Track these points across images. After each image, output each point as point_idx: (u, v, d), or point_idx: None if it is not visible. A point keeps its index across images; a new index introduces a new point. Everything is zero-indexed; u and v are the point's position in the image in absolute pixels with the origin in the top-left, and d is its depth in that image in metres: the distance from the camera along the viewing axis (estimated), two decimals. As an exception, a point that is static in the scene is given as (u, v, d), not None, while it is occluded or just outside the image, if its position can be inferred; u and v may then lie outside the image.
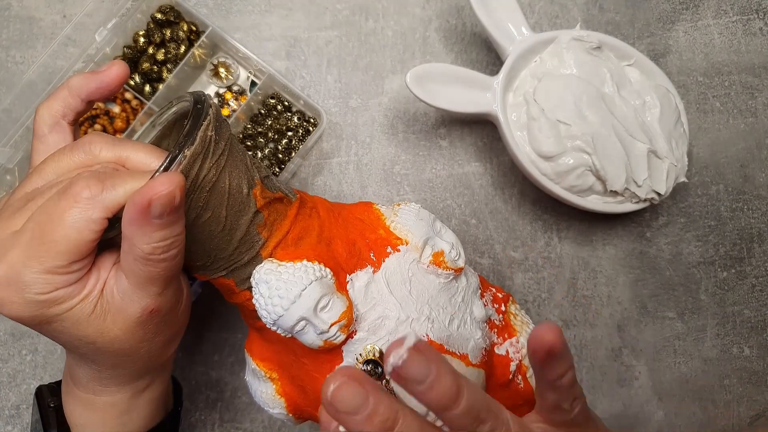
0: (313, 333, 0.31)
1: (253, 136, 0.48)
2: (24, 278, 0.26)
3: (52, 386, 0.36)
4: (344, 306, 0.32)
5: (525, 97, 0.44)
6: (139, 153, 0.30)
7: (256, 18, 0.50)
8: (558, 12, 0.51)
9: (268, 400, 0.36)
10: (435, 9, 0.51)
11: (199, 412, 0.47)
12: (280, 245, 0.32)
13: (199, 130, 0.28)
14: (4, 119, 0.45)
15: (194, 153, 0.28)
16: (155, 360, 0.34)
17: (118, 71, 0.33)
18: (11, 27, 0.50)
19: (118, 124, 0.47)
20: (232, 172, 0.30)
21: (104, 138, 0.30)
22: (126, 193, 0.27)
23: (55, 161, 0.29)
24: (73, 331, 0.28)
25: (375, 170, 0.49)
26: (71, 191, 0.26)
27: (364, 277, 0.34)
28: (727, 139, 0.51)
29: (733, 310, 0.49)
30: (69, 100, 0.32)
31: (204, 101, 0.30)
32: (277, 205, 0.33)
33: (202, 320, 0.47)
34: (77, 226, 0.26)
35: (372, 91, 0.50)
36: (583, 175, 0.43)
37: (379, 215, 0.36)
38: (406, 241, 0.35)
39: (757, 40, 0.51)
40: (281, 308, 0.31)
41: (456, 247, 0.36)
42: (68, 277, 0.27)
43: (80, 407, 0.34)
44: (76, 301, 0.28)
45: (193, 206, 0.29)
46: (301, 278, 0.31)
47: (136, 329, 0.30)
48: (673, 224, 0.50)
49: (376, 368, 0.33)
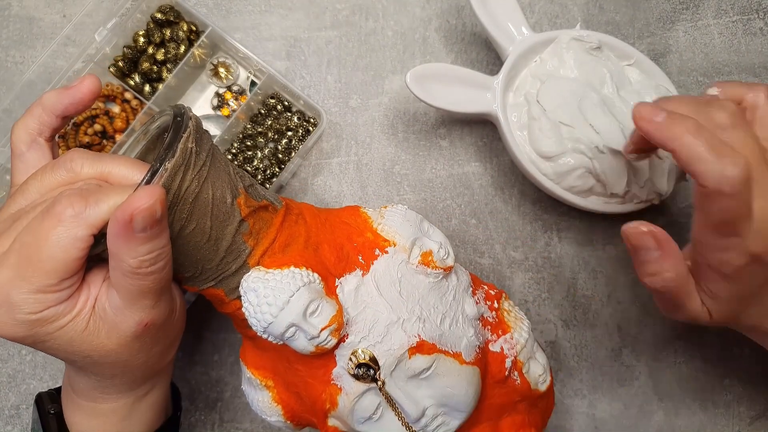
0: (303, 339, 0.31)
1: (253, 136, 0.48)
2: (14, 299, 0.26)
3: (52, 393, 0.37)
4: (334, 310, 0.31)
5: (525, 97, 0.44)
6: (120, 167, 0.30)
7: (256, 18, 0.50)
8: (558, 12, 0.51)
9: (265, 408, 0.36)
10: (435, 9, 0.51)
11: (199, 412, 0.47)
12: (266, 253, 0.32)
13: (179, 142, 0.28)
14: (4, 119, 0.45)
15: (175, 165, 0.28)
16: (154, 368, 0.34)
17: (90, 85, 0.33)
18: (11, 27, 0.50)
19: (117, 124, 0.47)
20: (215, 183, 0.30)
21: (85, 154, 0.29)
22: (110, 208, 0.27)
23: (37, 180, 0.29)
24: (67, 348, 0.29)
25: (375, 170, 0.49)
26: (55, 210, 0.26)
27: (354, 280, 0.34)
28: (727, 139, 0.51)
29: (733, 310, 0.49)
30: (44, 118, 0.32)
31: (184, 114, 0.30)
32: (262, 214, 0.33)
33: (201, 321, 0.47)
34: (63, 245, 0.26)
35: (372, 91, 0.50)
36: (584, 175, 0.43)
37: (365, 218, 0.36)
38: (393, 242, 0.35)
39: (758, 40, 0.51)
40: (270, 315, 0.30)
41: (444, 246, 0.36)
42: (58, 295, 0.27)
43: (81, 415, 0.34)
44: (68, 319, 0.28)
45: (177, 218, 0.29)
46: (288, 284, 0.31)
47: (132, 342, 0.30)
48: (674, 224, 0.50)
49: (368, 371, 0.32)
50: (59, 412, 0.35)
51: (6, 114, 0.45)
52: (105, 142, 0.48)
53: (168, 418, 0.38)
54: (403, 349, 0.33)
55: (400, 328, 0.33)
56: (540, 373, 0.38)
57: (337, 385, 0.33)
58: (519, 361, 0.38)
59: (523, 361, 0.38)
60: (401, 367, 0.33)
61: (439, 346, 0.34)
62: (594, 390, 0.48)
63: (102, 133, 0.47)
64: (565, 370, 0.48)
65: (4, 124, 0.44)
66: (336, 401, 0.33)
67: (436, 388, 0.33)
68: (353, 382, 0.33)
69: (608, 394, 0.48)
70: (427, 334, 0.33)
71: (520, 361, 0.38)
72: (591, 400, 0.48)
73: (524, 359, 0.38)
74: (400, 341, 0.33)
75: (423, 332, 0.33)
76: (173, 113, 0.30)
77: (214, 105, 0.49)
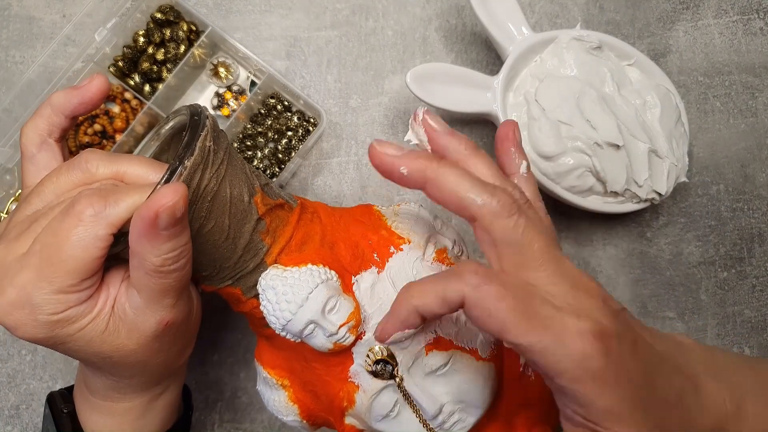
0: (322, 336, 0.31)
1: (253, 136, 0.48)
2: (36, 300, 0.26)
3: (63, 392, 0.37)
4: (351, 307, 0.32)
5: (525, 97, 0.44)
6: (135, 167, 0.29)
7: (256, 18, 0.50)
8: (558, 12, 0.51)
9: (282, 408, 0.36)
10: (435, 9, 0.51)
11: (199, 412, 0.47)
12: (284, 251, 0.33)
13: (198, 141, 0.28)
14: (4, 119, 0.45)
15: (194, 163, 0.28)
16: (171, 367, 0.34)
17: (99, 85, 0.33)
18: (11, 27, 0.50)
19: (117, 124, 0.47)
20: (233, 181, 0.30)
21: (100, 154, 0.29)
22: (129, 207, 0.27)
23: (52, 182, 0.29)
24: (87, 349, 0.29)
25: (375, 170, 0.49)
26: (75, 210, 0.26)
27: (370, 278, 0.34)
28: (727, 139, 0.51)
29: (733, 310, 0.49)
30: (53, 118, 0.32)
31: (201, 113, 0.30)
32: (278, 212, 0.33)
33: (201, 321, 0.47)
34: (84, 244, 0.26)
35: (372, 91, 0.50)
36: (584, 175, 0.43)
37: (379, 216, 0.36)
38: (408, 240, 0.35)
39: (758, 40, 0.51)
40: (289, 312, 0.31)
41: (459, 243, 0.36)
42: (79, 295, 0.27)
43: (97, 414, 0.34)
44: (89, 320, 0.28)
45: (196, 216, 0.29)
46: (307, 281, 0.31)
47: (153, 342, 0.30)
48: (674, 224, 0.50)
49: (386, 367, 0.33)
50: (72, 411, 0.35)
51: (6, 114, 0.45)
52: (105, 142, 0.48)
53: (180, 417, 0.38)
54: (420, 345, 0.33)
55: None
56: None
57: (355, 382, 0.33)
58: None
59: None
60: (418, 363, 0.33)
61: (455, 342, 0.34)
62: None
63: (102, 133, 0.47)
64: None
65: (4, 124, 0.44)
66: (353, 399, 0.33)
67: (453, 384, 0.34)
68: (371, 380, 0.33)
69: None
70: (444, 331, 0.34)
71: None
72: (591, 400, 0.48)
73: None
74: (417, 338, 0.33)
75: (439, 329, 0.33)
76: (190, 112, 0.30)
77: (214, 105, 0.49)
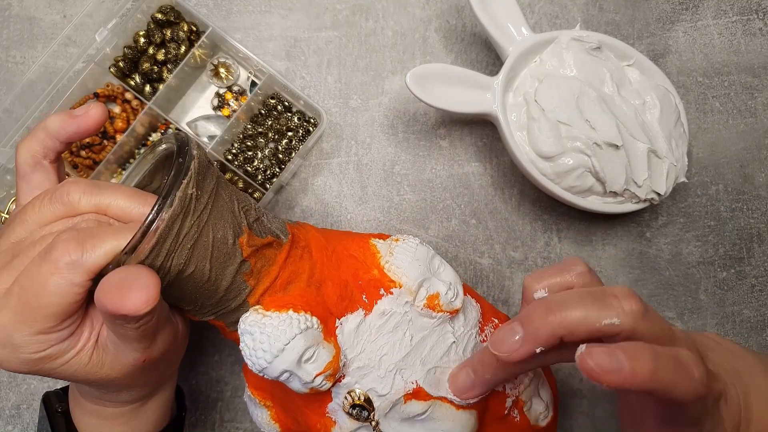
0: (298, 382, 0.31)
1: (253, 136, 0.48)
2: (16, 340, 0.27)
3: (59, 392, 0.37)
4: (330, 356, 0.31)
5: (525, 97, 0.44)
6: (119, 200, 0.29)
7: (256, 18, 0.50)
8: (558, 12, 0.51)
9: (264, 424, 0.37)
10: (435, 9, 0.51)
11: (199, 412, 0.47)
12: (267, 291, 0.32)
13: (178, 190, 0.27)
14: (4, 119, 0.45)
15: (173, 215, 0.27)
16: (158, 381, 0.35)
17: (96, 115, 0.32)
18: (11, 27, 0.50)
19: (118, 124, 0.47)
20: (216, 224, 0.29)
21: (83, 186, 0.29)
22: (107, 253, 0.26)
23: (35, 212, 0.29)
24: (71, 377, 0.29)
25: (375, 170, 0.49)
26: (52, 257, 0.26)
27: (355, 320, 0.33)
28: (726, 139, 0.51)
29: (732, 310, 0.49)
30: (48, 142, 0.32)
31: (187, 152, 0.29)
32: (265, 251, 0.32)
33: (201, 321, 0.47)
34: (61, 291, 0.26)
35: (372, 91, 0.50)
36: (583, 175, 0.43)
37: (374, 252, 0.35)
38: (399, 284, 0.34)
39: (757, 40, 0.51)
40: (264, 361, 0.30)
41: (453, 287, 0.35)
42: (60, 334, 0.28)
43: (88, 416, 0.35)
44: (72, 355, 0.28)
45: (176, 263, 0.28)
46: (284, 332, 0.30)
47: (134, 372, 0.31)
48: (673, 224, 0.50)
49: (362, 412, 0.33)
50: (66, 410, 0.35)
51: (6, 114, 0.45)
52: (105, 142, 0.48)
53: (173, 418, 0.39)
54: (399, 395, 0.33)
55: (398, 373, 0.33)
56: (541, 410, 0.38)
57: (332, 418, 0.33)
58: (521, 400, 0.37)
59: (525, 401, 0.37)
60: (396, 409, 0.33)
61: (436, 393, 0.33)
62: (594, 390, 0.48)
63: (102, 133, 0.47)
64: (565, 370, 0.48)
65: (5, 124, 0.45)
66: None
67: (430, 430, 0.33)
68: (348, 418, 0.33)
69: (608, 394, 0.48)
70: (426, 380, 0.33)
71: (521, 400, 0.37)
72: (591, 400, 0.48)
73: (527, 399, 0.37)
74: (397, 387, 0.33)
75: (421, 378, 0.33)
76: (177, 148, 0.29)
77: (215, 105, 0.49)
